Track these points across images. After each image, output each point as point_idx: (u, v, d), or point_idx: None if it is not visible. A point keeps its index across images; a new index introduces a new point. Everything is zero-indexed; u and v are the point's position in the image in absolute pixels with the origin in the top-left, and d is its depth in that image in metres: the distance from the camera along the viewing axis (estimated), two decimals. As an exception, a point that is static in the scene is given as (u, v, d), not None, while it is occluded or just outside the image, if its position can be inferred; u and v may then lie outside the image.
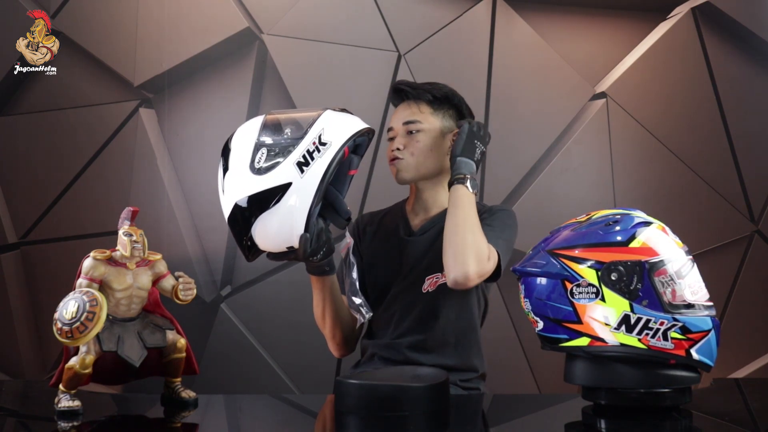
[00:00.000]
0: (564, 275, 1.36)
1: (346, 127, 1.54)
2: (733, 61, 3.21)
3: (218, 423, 1.48)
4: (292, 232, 1.49)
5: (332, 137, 1.51)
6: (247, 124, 1.61)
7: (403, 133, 1.92)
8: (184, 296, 1.45)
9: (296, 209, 1.48)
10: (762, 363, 3.17)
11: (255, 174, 1.50)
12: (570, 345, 1.37)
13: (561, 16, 3.14)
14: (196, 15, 3.01)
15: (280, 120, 1.57)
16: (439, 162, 1.93)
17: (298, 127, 1.53)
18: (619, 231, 1.37)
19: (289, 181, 1.47)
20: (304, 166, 1.48)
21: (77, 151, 2.99)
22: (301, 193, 1.47)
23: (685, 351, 1.32)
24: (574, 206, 2.95)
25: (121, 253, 1.39)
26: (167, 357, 1.44)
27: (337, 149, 1.50)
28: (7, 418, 1.50)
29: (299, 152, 1.49)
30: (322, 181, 1.48)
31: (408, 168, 1.90)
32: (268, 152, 1.51)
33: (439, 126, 1.93)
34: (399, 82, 1.98)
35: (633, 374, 1.34)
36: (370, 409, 1.33)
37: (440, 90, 1.95)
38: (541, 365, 3.02)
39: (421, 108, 1.93)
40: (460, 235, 1.75)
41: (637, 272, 1.32)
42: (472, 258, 1.72)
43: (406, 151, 1.90)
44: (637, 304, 1.32)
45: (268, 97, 3.00)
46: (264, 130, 1.55)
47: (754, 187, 3.20)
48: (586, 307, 1.34)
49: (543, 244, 1.43)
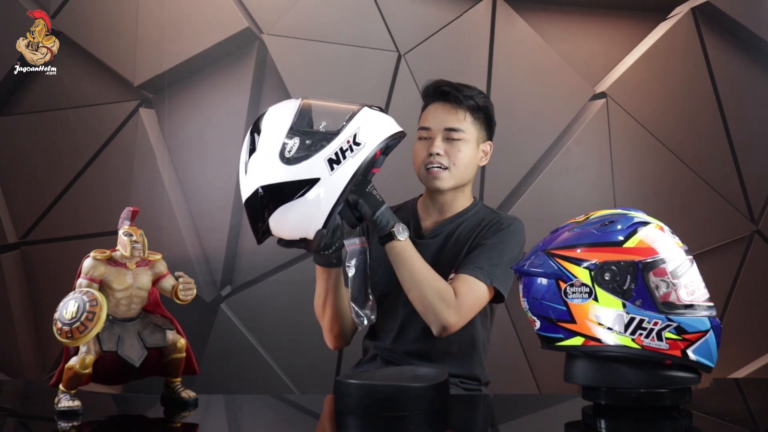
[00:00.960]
0: (558, 275, 1.37)
1: (381, 129, 1.52)
2: (733, 61, 3.21)
3: (218, 423, 1.48)
4: (310, 226, 1.48)
5: (367, 138, 1.49)
6: (281, 106, 1.56)
7: (443, 138, 1.88)
8: (184, 296, 1.45)
9: (320, 205, 1.46)
10: (762, 363, 3.17)
11: (284, 162, 1.47)
12: (565, 344, 1.37)
13: (561, 16, 3.14)
14: (196, 15, 3.01)
15: (317, 109, 1.53)
16: (473, 172, 1.93)
17: (335, 122, 1.50)
18: (614, 231, 1.37)
19: (318, 176, 1.46)
20: (335, 164, 1.46)
21: (77, 151, 2.99)
22: (327, 191, 1.46)
23: (681, 351, 1.31)
24: (574, 206, 2.94)
25: (121, 253, 1.39)
26: (167, 357, 1.44)
27: (371, 151, 1.48)
28: (7, 418, 1.50)
29: (332, 149, 1.47)
30: (350, 182, 1.47)
31: (449, 179, 1.88)
32: (301, 142, 1.48)
33: (476, 136, 1.91)
34: (441, 81, 1.93)
35: (633, 374, 1.34)
36: (370, 409, 1.33)
37: (482, 98, 1.92)
38: (541, 365, 3.02)
39: (464, 115, 1.89)
40: (416, 291, 1.74)
41: (630, 272, 1.32)
42: (440, 307, 1.73)
43: (446, 159, 1.87)
44: (631, 304, 1.32)
45: (268, 97, 3.00)
46: (300, 117, 1.51)
47: (754, 187, 3.20)
48: (579, 307, 1.35)
49: (541, 244, 1.44)
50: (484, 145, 1.94)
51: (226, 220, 2.95)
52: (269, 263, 2.98)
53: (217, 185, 2.97)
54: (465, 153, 1.88)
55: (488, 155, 1.97)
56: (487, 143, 1.96)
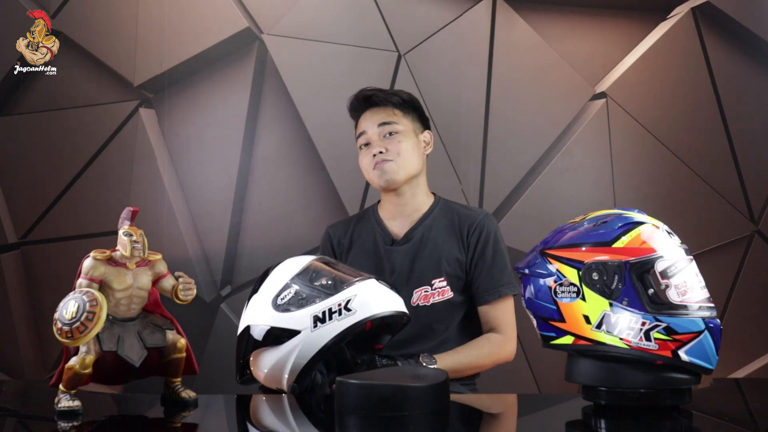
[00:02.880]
0: (550, 275, 1.39)
1: (378, 302, 1.52)
2: (733, 61, 3.21)
3: (218, 423, 1.49)
4: (282, 377, 1.51)
5: (359, 307, 1.49)
6: (295, 258, 1.63)
7: (380, 136, 1.91)
8: (184, 296, 1.45)
9: (294, 357, 1.48)
10: (762, 363, 3.17)
11: (274, 308, 1.52)
12: (557, 343, 1.39)
13: (561, 16, 3.14)
14: (196, 15, 3.01)
15: (323, 269, 1.57)
16: (420, 161, 1.95)
17: (334, 284, 1.53)
18: (605, 231, 1.38)
19: (299, 329, 1.48)
20: (320, 322, 1.48)
21: (77, 151, 2.99)
22: (304, 345, 1.48)
23: (672, 352, 1.31)
24: (574, 206, 2.95)
25: (121, 253, 1.39)
26: (167, 357, 1.44)
27: (358, 320, 1.48)
28: (7, 418, 1.50)
29: (321, 307, 1.49)
30: (331, 343, 1.47)
31: (398, 170, 1.90)
32: (296, 294, 1.52)
33: (412, 127, 1.95)
34: (363, 90, 1.98)
35: (633, 374, 1.34)
36: (370, 409, 1.32)
37: (406, 94, 1.98)
38: (541, 365, 3.02)
39: (394, 111, 1.93)
40: (477, 370, 1.88)
41: (618, 272, 1.33)
42: (497, 359, 1.88)
43: (390, 153, 1.89)
44: (617, 304, 1.33)
45: (268, 97, 3.00)
46: (304, 272, 1.56)
47: (754, 187, 3.20)
48: (568, 306, 1.36)
49: (540, 245, 1.46)
50: (424, 135, 1.98)
51: (226, 220, 2.95)
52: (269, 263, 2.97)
53: (217, 185, 2.97)
54: (406, 144, 1.92)
55: (430, 144, 2.01)
56: (426, 132, 2.00)
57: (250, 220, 2.96)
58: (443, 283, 1.88)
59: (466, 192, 3.02)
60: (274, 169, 2.98)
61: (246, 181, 2.95)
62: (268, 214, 2.97)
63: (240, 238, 2.97)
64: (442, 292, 1.88)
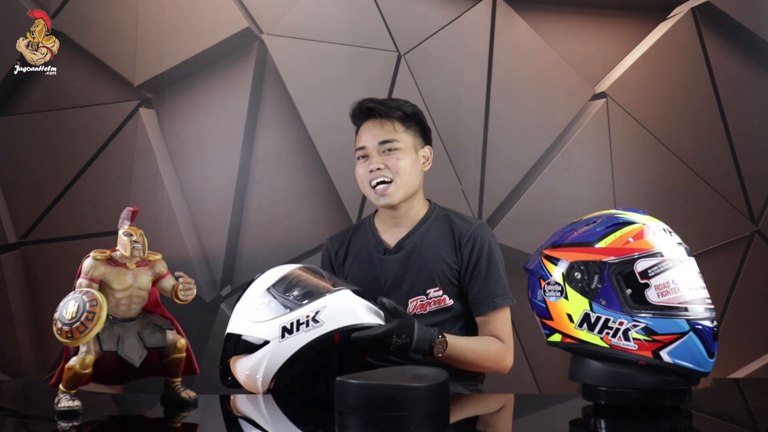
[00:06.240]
0: (541, 274, 1.42)
1: (346, 315, 1.54)
2: (733, 61, 3.21)
3: (218, 423, 1.49)
4: (257, 384, 1.55)
5: (327, 319, 1.51)
6: (276, 268, 1.66)
7: (380, 152, 1.90)
8: (184, 296, 1.45)
9: (264, 367, 1.52)
10: (762, 363, 3.17)
11: (248, 318, 1.57)
12: (551, 340, 1.42)
13: (561, 16, 3.14)
14: (196, 15, 3.01)
15: (302, 280, 1.60)
16: (418, 178, 1.94)
17: (307, 294, 1.56)
18: (592, 232, 1.39)
19: (268, 339, 1.52)
20: (288, 333, 1.51)
21: (77, 151, 2.99)
22: (273, 355, 1.51)
23: (653, 353, 1.31)
24: (574, 206, 2.95)
25: (121, 253, 1.39)
26: (167, 357, 1.44)
27: (325, 332, 1.50)
28: (7, 418, 1.51)
29: (290, 318, 1.52)
30: (298, 353, 1.50)
31: (397, 192, 1.89)
32: (268, 305, 1.56)
33: (412, 143, 1.93)
34: (366, 100, 1.95)
35: (634, 374, 1.34)
36: (370, 409, 1.32)
37: (410, 107, 1.95)
38: (541, 365, 3.02)
39: (394, 126, 1.91)
40: (473, 366, 1.85)
41: (597, 272, 1.34)
42: (495, 365, 1.88)
43: (388, 171, 1.88)
44: (596, 303, 1.34)
45: (268, 97, 3.00)
46: (280, 282, 1.60)
47: (754, 187, 3.19)
48: (554, 305, 1.39)
49: (543, 244, 1.47)
50: (424, 150, 1.96)
51: (226, 220, 2.95)
52: (269, 263, 2.96)
53: (217, 185, 2.97)
54: (405, 162, 1.89)
55: (430, 159, 2.00)
56: (426, 148, 1.98)
57: (250, 220, 2.96)
58: (439, 292, 1.88)
59: (466, 192, 3.02)
60: (274, 169, 2.98)
61: (246, 181, 2.95)
62: (268, 214, 2.96)
63: (240, 238, 2.96)
64: (439, 300, 1.88)
